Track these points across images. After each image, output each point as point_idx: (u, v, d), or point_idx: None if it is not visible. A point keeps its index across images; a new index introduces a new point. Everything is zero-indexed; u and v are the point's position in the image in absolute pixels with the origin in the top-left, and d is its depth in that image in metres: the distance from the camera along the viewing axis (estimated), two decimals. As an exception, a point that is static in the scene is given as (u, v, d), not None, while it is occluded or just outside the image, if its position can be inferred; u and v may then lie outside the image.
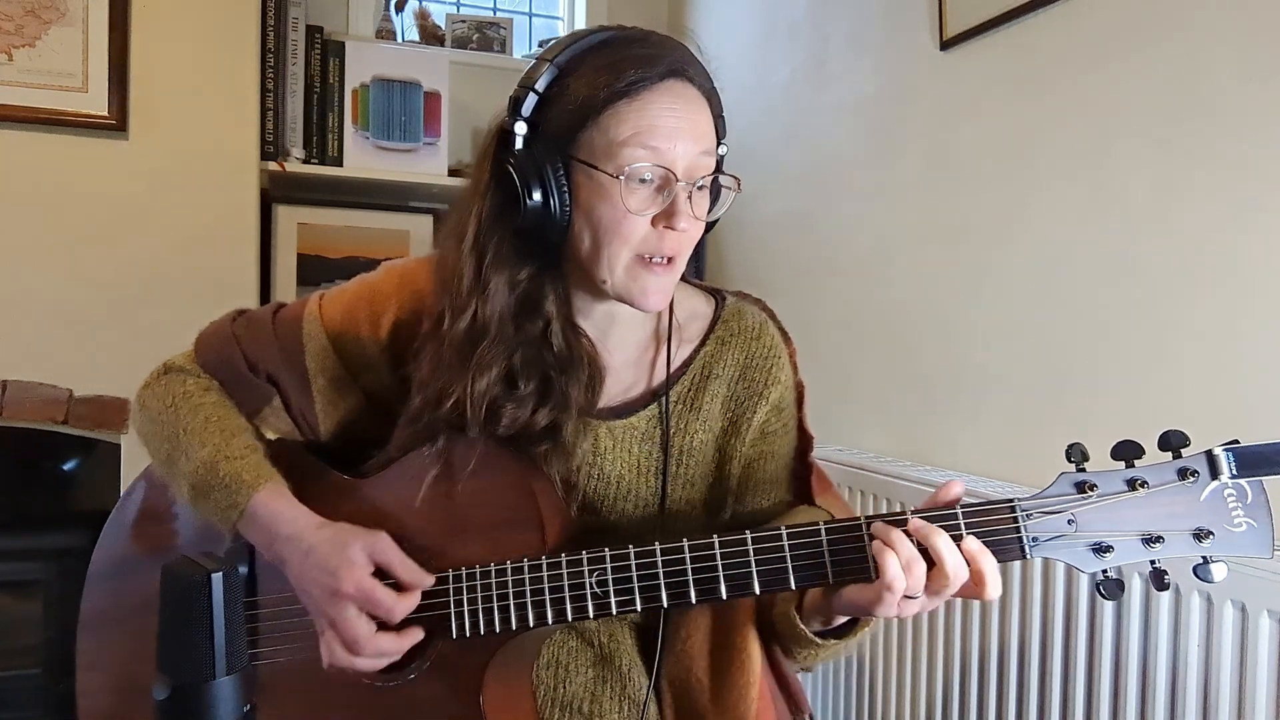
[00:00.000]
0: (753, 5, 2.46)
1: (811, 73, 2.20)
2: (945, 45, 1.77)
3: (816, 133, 2.18)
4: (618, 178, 0.84)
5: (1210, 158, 1.29)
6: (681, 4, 2.80)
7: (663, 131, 0.85)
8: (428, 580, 0.88)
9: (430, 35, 2.64)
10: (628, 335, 1.00)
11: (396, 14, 2.60)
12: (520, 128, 0.88)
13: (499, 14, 2.90)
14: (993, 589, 0.77)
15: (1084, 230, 1.48)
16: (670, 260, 0.89)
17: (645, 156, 0.85)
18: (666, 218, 0.86)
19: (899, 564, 0.76)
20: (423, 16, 2.65)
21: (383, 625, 0.87)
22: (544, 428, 0.92)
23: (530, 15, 2.96)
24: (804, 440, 1.05)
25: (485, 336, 0.91)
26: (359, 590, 0.86)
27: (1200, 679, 1.17)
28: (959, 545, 0.76)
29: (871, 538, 0.79)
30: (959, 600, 1.54)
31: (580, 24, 2.87)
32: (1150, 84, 1.38)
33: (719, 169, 0.92)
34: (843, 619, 0.87)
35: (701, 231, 0.92)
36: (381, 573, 0.89)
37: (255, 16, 2.24)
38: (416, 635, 0.88)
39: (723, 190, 0.94)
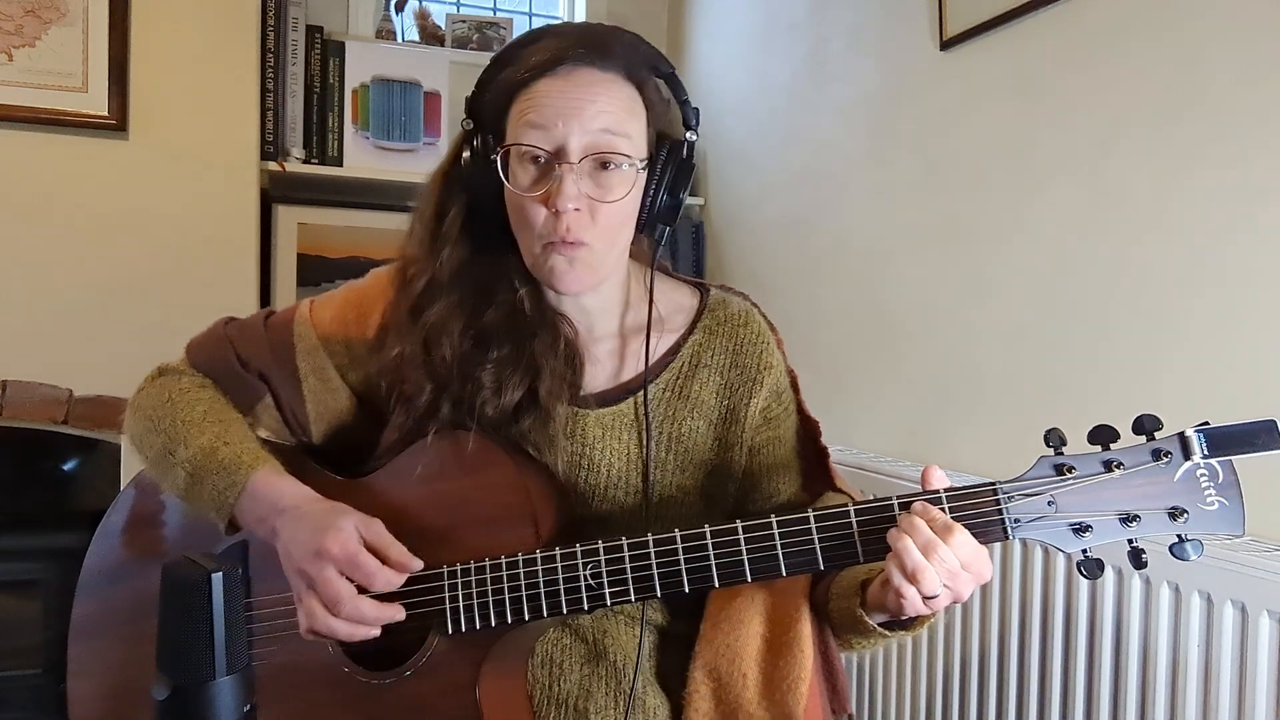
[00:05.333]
0: (753, 5, 2.46)
1: (811, 73, 2.20)
2: (945, 45, 1.77)
3: (816, 133, 2.18)
4: (508, 157, 0.89)
5: (1210, 158, 1.29)
6: (681, 4, 2.80)
7: (549, 110, 0.88)
8: (416, 564, 0.89)
9: (430, 35, 2.64)
10: (606, 324, 1.02)
11: (396, 14, 2.60)
12: (468, 124, 0.95)
13: (499, 14, 2.90)
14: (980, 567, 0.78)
15: (1083, 230, 1.48)
16: (575, 243, 0.90)
17: (531, 136, 0.88)
18: (552, 199, 0.88)
19: (916, 552, 0.77)
20: (423, 16, 2.65)
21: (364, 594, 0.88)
22: (522, 397, 0.94)
23: (530, 15, 2.96)
24: (808, 425, 1.07)
25: (434, 301, 0.95)
26: (343, 551, 0.86)
27: (1200, 679, 1.17)
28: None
29: (863, 533, 0.80)
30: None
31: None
32: (1150, 83, 1.38)
33: (667, 151, 0.94)
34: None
35: (615, 214, 0.91)
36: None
37: (255, 16, 2.24)
38: (398, 613, 0.88)
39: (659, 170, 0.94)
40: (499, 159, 0.91)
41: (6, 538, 2.14)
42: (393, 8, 2.60)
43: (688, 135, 0.95)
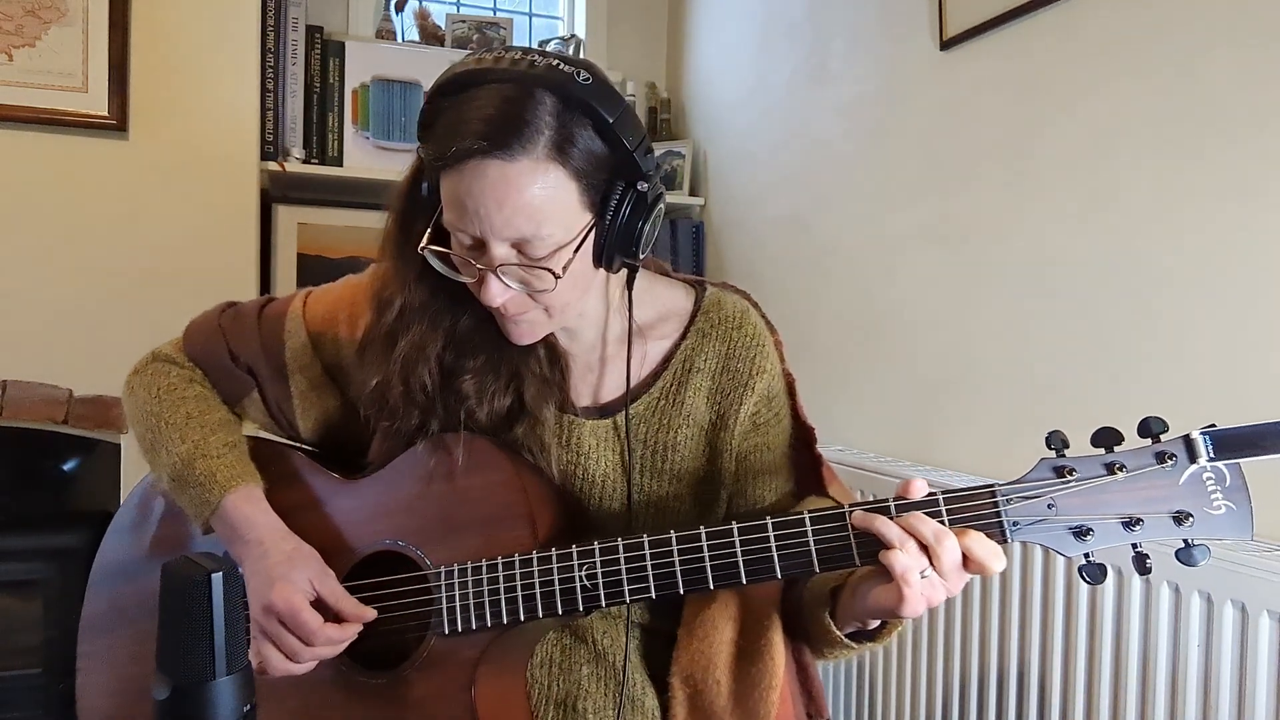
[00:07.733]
0: (753, 5, 2.46)
1: (811, 73, 2.20)
2: (945, 45, 1.77)
3: (816, 133, 2.18)
4: (444, 237, 0.86)
5: (1209, 158, 1.29)
6: (681, 4, 2.80)
7: (460, 211, 0.82)
8: (369, 614, 0.91)
9: (430, 35, 2.64)
10: (592, 335, 0.99)
11: (396, 14, 2.60)
12: (423, 152, 0.86)
13: (499, 14, 2.90)
14: (991, 562, 0.76)
15: (1083, 230, 1.48)
16: (518, 314, 0.87)
17: (455, 224, 0.83)
18: (482, 290, 0.85)
19: (898, 551, 0.75)
20: (423, 16, 2.65)
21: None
22: (511, 403, 0.94)
23: (530, 15, 2.96)
24: (803, 431, 1.04)
25: (409, 328, 0.92)
26: (287, 607, 0.87)
27: (1200, 679, 1.17)
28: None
29: (859, 535, 0.78)
30: (960, 601, 1.54)
31: (580, 24, 2.87)
32: (1150, 84, 1.38)
33: (618, 196, 0.85)
34: (876, 622, 0.85)
35: (555, 295, 0.85)
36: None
37: (255, 16, 2.24)
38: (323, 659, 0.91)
39: (573, 252, 0.84)
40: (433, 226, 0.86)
41: (6, 538, 2.14)
42: (393, 8, 2.60)
43: (639, 185, 0.85)
